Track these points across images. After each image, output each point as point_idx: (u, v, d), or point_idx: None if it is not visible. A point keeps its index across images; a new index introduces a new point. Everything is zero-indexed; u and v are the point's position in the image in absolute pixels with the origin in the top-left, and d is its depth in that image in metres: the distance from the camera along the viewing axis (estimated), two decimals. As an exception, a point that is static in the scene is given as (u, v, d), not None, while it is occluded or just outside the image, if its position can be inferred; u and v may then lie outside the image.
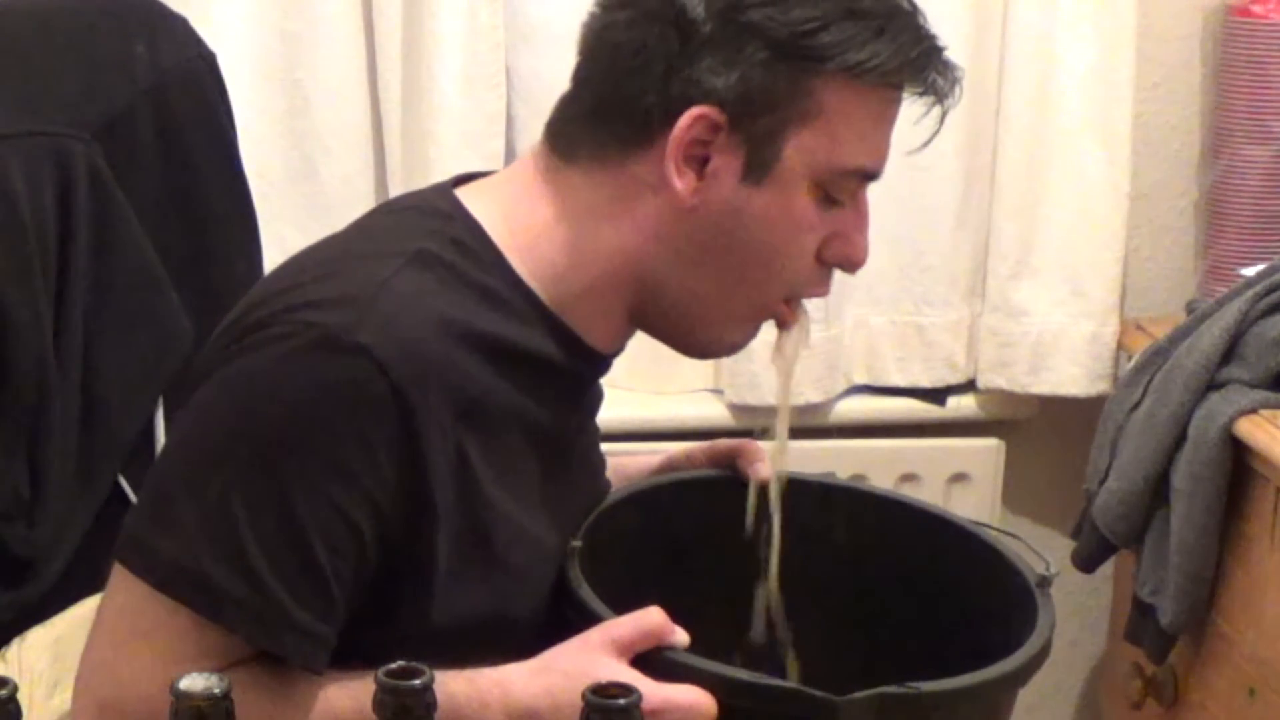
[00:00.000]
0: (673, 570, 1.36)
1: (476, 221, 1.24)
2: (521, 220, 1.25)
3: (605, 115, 1.24)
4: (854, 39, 1.21)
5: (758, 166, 1.22)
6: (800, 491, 1.40)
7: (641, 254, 1.25)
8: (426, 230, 1.23)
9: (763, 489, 1.36)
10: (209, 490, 1.14)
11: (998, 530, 1.39)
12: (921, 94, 1.25)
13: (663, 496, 1.41)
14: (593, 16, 1.27)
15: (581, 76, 1.27)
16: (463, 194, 1.27)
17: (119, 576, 1.17)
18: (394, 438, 1.15)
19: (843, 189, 1.25)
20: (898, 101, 1.26)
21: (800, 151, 1.22)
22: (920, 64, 1.23)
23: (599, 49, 1.26)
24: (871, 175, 1.27)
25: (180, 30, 1.57)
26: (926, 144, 1.31)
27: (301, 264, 1.25)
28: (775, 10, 1.20)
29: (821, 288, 1.30)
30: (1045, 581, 1.31)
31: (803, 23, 1.20)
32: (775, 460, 1.38)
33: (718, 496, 1.39)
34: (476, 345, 1.20)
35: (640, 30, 1.22)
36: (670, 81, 1.21)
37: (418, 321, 1.17)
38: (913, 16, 1.25)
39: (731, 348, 1.34)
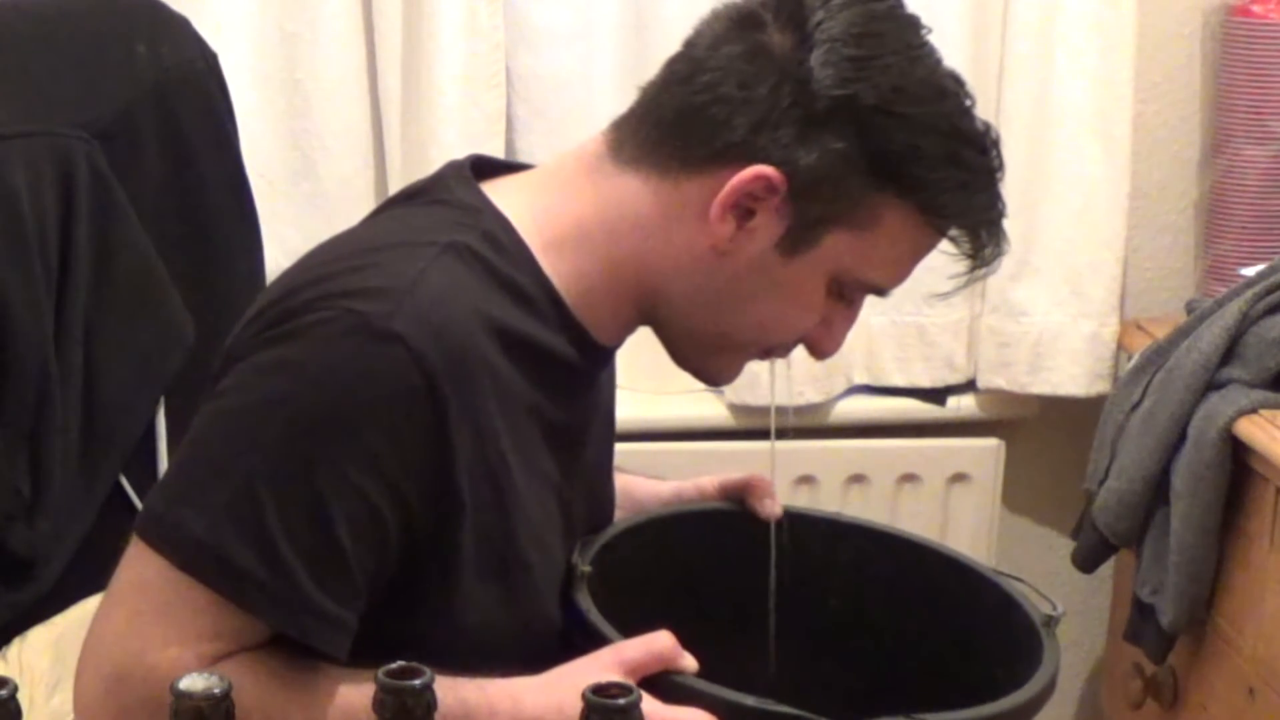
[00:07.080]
0: (682, 600, 1.36)
1: (505, 217, 1.24)
2: (552, 219, 1.25)
3: (684, 128, 1.23)
4: (941, 183, 1.22)
5: (794, 242, 1.23)
6: (808, 528, 1.42)
7: (661, 273, 1.25)
8: (459, 223, 1.23)
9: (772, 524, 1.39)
10: (236, 471, 1.14)
11: (1004, 575, 1.39)
12: (968, 257, 1.27)
13: (673, 526, 1.41)
14: (714, 18, 1.26)
15: (679, 74, 1.25)
16: (489, 190, 1.27)
17: (138, 551, 1.16)
18: (424, 428, 1.15)
19: (853, 291, 1.28)
20: (938, 243, 1.27)
21: (837, 248, 1.23)
22: (982, 231, 1.25)
23: (709, 60, 1.23)
24: (884, 293, 1.29)
25: (182, 30, 1.57)
26: (949, 295, 1.33)
27: (335, 253, 1.24)
28: (888, 122, 1.20)
29: (786, 354, 1.33)
30: (1051, 621, 1.31)
31: (903, 147, 1.20)
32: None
33: (727, 530, 1.40)
34: (503, 340, 1.20)
35: (757, 68, 1.21)
36: (760, 131, 1.21)
37: (453, 313, 1.17)
38: (995, 179, 1.25)
39: (714, 380, 1.36)
